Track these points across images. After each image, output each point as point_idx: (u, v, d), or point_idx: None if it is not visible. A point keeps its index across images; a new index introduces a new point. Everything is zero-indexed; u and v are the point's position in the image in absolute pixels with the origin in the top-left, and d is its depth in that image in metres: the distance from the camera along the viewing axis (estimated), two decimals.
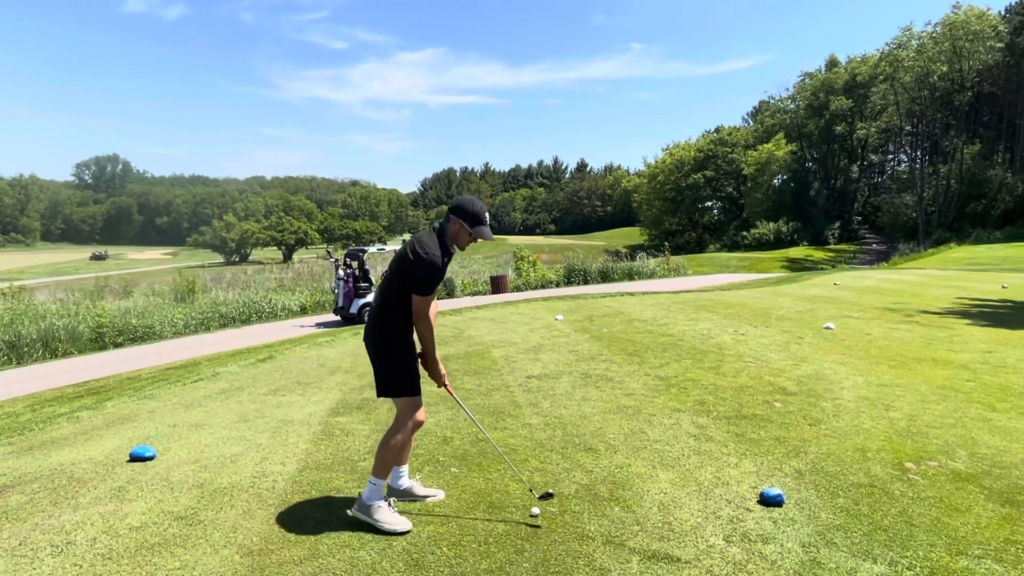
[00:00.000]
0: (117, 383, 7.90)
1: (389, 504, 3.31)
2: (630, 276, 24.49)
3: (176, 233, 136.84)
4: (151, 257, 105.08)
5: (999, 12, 51.76)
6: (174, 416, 5.69)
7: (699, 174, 66.50)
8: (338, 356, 8.29)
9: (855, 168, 63.72)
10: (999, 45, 47.97)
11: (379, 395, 3.41)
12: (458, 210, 3.31)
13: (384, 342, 3.33)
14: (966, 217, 46.87)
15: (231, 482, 3.94)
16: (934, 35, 48.67)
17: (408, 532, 3.21)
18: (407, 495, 3.57)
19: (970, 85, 50.33)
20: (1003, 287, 15.21)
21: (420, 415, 3.39)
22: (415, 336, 3.37)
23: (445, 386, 3.45)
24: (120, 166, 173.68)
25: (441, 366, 3.40)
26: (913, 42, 50.26)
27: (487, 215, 3.35)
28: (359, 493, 3.39)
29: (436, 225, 3.38)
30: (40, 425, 5.74)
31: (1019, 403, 5.22)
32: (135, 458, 4.42)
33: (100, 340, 13.49)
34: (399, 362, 3.34)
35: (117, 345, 13.46)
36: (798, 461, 4.01)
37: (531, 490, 3.49)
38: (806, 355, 7.17)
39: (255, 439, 4.80)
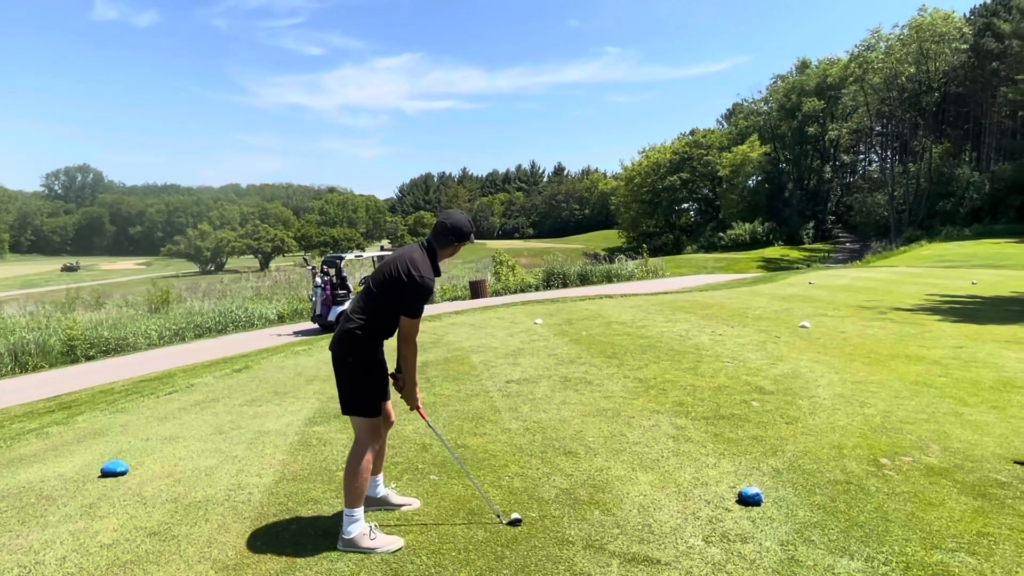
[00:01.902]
0: (89, 397, 7.75)
1: (371, 528, 3.15)
2: (609, 279, 24.60)
3: (150, 243, 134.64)
4: (124, 267, 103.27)
5: (963, 14, 53.07)
6: (147, 429, 5.58)
7: (675, 176, 67.16)
8: (315, 365, 8.20)
9: (828, 168, 64.83)
10: (963, 46, 49.19)
11: (346, 412, 3.23)
12: (457, 232, 3.27)
13: (362, 359, 3.18)
14: (936, 215, 47.85)
15: (206, 496, 3.87)
16: (901, 37, 49.75)
17: (402, 548, 3.11)
18: (383, 504, 3.53)
19: (937, 86, 51.51)
20: (972, 283, 15.52)
21: (379, 433, 3.30)
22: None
23: (417, 408, 3.37)
24: (91, 175, 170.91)
25: (417, 389, 3.35)
26: (881, 44, 51.38)
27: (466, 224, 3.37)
28: (340, 532, 3.16)
29: (425, 242, 3.29)
30: (8, 442, 5.60)
31: (989, 397, 5.32)
32: (107, 473, 4.32)
33: (72, 353, 13.22)
34: (373, 381, 3.20)
35: (89, 358, 13.21)
36: (775, 460, 4.04)
37: (499, 515, 3.37)
38: (782, 354, 7.25)
39: (231, 451, 4.73)
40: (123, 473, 4.34)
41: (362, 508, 3.18)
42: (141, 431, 5.54)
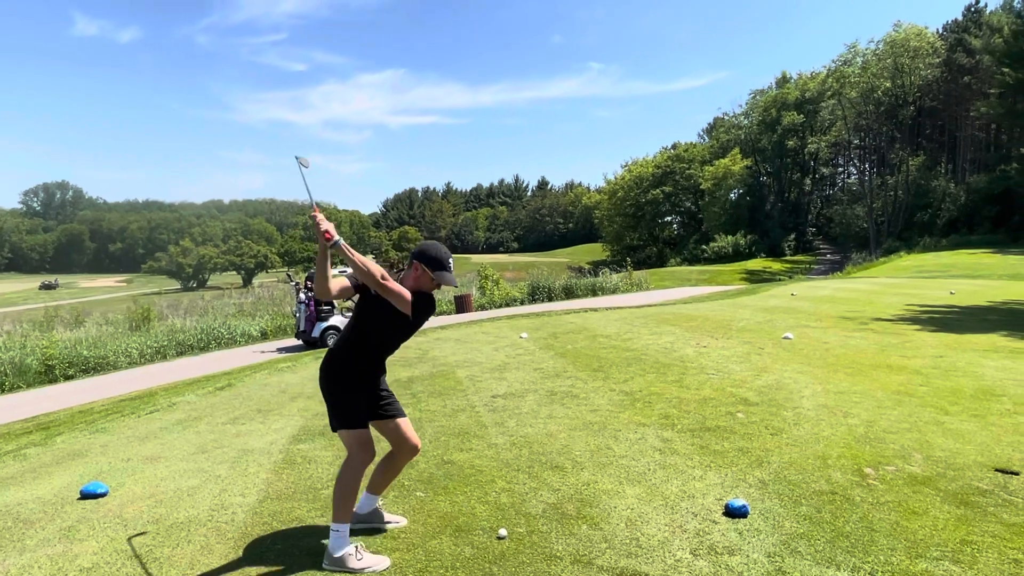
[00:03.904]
0: (68, 417, 7.61)
1: (357, 548, 3.10)
2: (594, 292, 24.67)
3: (130, 260, 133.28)
4: (104, 285, 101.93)
5: (936, 30, 54.27)
6: (128, 450, 5.49)
7: (658, 190, 67.62)
8: (300, 381, 8.13)
9: (808, 181, 65.77)
10: (936, 61, 50.32)
11: (338, 428, 3.25)
12: (420, 255, 3.23)
13: (354, 376, 3.24)
14: (914, 226, 48.60)
15: (188, 516, 3.81)
16: (877, 52, 50.77)
17: (389, 567, 3.08)
18: (372, 519, 3.50)
19: (912, 100, 52.51)
20: (951, 293, 15.76)
21: (369, 448, 3.27)
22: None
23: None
24: (71, 192, 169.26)
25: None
26: (858, 59, 52.35)
27: (451, 261, 3.27)
28: (327, 546, 3.13)
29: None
30: None
31: (970, 406, 5.39)
32: (86, 495, 4.24)
33: (50, 373, 12.98)
34: (360, 395, 3.27)
35: (68, 377, 12.98)
36: (761, 471, 4.06)
37: None
38: (766, 365, 7.30)
39: (213, 470, 4.66)
40: (103, 495, 4.26)
41: (348, 525, 3.15)
42: (121, 451, 5.45)
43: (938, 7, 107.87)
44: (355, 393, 3.24)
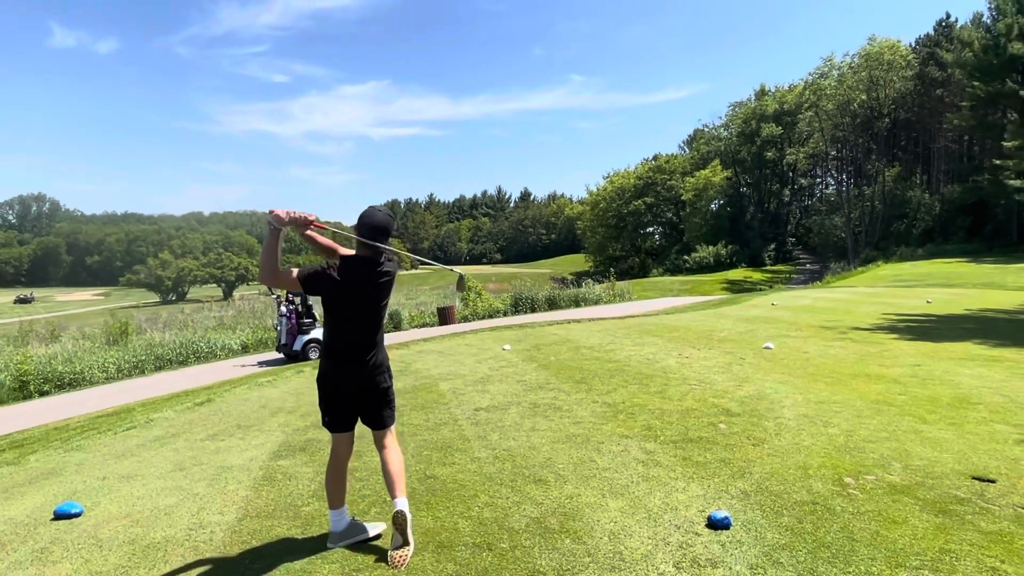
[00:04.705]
0: (42, 434, 7.46)
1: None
2: (576, 303, 24.73)
3: (108, 273, 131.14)
4: (81, 299, 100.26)
5: (909, 44, 55.45)
6: (104, 468, 5.39)
7: (640, 201, 68.17)
8: (280, 396, 8.04)
9: (787, 192, 66.72)
10: (910, 74, 51.40)
11: (388, 425, 3.59)
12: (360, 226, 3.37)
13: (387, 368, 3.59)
14: (891, 236, 49.44)
15: (165, 536, 3.74)
16: (852, 65, 51.81)
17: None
18: (354, 533, 3.48)
19: (887, 112, 53.60)
20: (927, 302, 16.01)
21: (335, 449, 3.57)
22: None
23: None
24: (47, 204, 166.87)
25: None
26: (834, 72, 53.39)
27: (377, 223, 3.35)
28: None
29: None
30: None
31: (947, 414, 5.46)
32: (60, 516, 4.15)
33: (24, 389, 12.73)
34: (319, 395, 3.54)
35: (43, 393, 12.74)
36: (743, 482, 4.07)
37: None
38: (748, 375, 7.35)
39: (192, 488, 4.59)
40: (77, 515, 4.17)
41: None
42: (97, 470, 5.34)
43: (911, 22, 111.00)
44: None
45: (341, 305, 3.33)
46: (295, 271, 3.26)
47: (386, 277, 3.40)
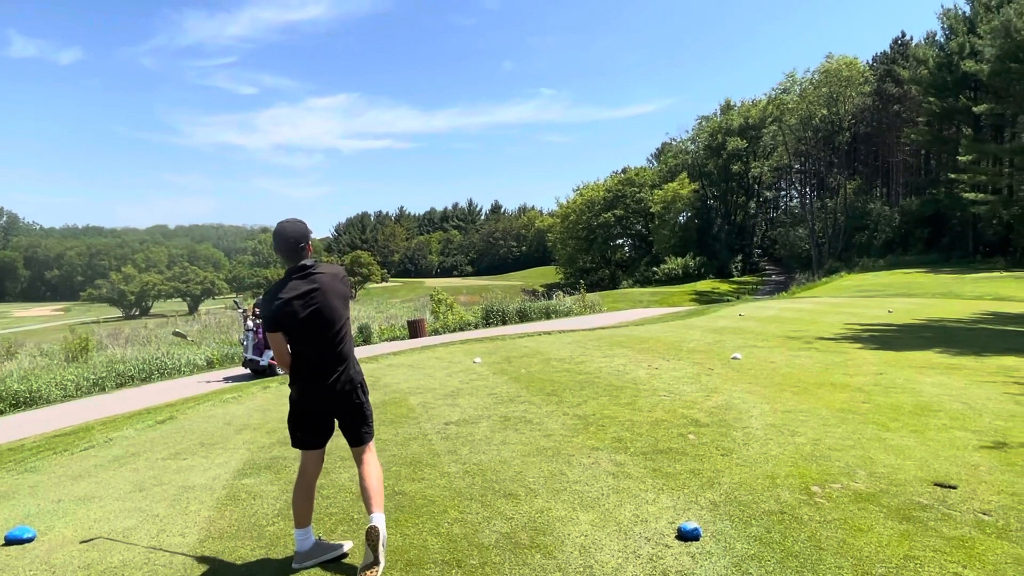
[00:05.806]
0: None
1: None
2: (547, 315, 24.75)
3: (68, 288, 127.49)
4: (40, 314, 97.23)
5: (867, 61, 57.15)
6: (59, 490, 5.19)
7: (609, 213, 68.77)
8: (246, 412, 7.87)
9: (752, 204, 67.96)
10: (868, 90, 52.97)
11: (366, 441, 3.54)
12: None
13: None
14: (853, 247, 50.68)
15: (122, 560, 3.61)
16: (813, 81, 53.14)
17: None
18: (320, 552, 3.41)
19: (847, 126, 55.08)
20: (889, 311, 16.39)
21: (303, 465, 3.56)
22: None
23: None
24: (4, 218, 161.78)
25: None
26: (796, 87, 54.75)
27: (290, 236, 3.35)
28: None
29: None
30: None
31: (909, 422, 5.57)
32: (11, 541, 3.98)
33: None
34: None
35: None
36: (712, 492, 4.09)
37: None
38: (716, 386, 7.41)
39: (152, 509, 4.45)
40: (30, 540, 4.01)
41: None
42: (52, 492, 5.15)
43: (868, 39, 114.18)
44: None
45: (298, 341, 3.37)
46: (274, 337, 3.37)
47: (326, 302, 3.39)
